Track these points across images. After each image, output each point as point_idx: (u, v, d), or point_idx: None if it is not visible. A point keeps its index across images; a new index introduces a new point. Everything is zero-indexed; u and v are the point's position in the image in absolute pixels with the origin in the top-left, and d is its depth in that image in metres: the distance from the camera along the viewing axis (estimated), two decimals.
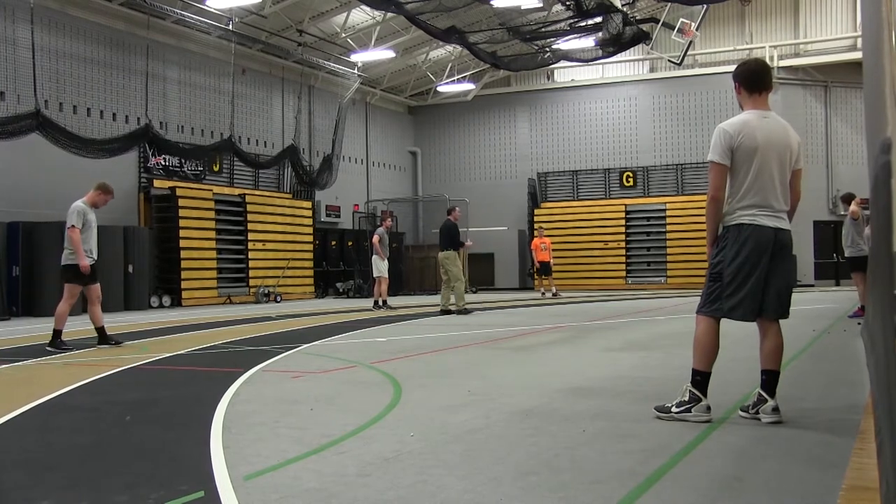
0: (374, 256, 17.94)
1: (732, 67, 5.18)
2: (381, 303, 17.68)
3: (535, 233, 25.70)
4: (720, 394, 5.51)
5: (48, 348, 9.68)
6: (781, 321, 4.97)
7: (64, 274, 9.87)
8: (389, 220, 18.98)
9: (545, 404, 5.63)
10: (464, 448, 4.40)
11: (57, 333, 9.78)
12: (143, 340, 10.29)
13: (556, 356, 8.64)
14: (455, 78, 30.83)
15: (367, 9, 24.05)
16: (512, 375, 7.16)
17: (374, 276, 18.06)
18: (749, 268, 4.85)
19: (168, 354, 9.10)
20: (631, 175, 29.92)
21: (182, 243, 21.08)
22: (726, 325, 5.02)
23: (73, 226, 9.78)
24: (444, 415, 5.30)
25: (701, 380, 4.96)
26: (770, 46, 28.47)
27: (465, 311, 15.43)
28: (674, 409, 4.99)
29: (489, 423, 5.02)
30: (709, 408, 4.96)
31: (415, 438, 4.61)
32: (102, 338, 10.05)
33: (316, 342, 10.31)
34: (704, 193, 5.41)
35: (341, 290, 26.21)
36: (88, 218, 9.97)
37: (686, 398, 4.97)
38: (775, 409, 4.88)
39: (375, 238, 17.80)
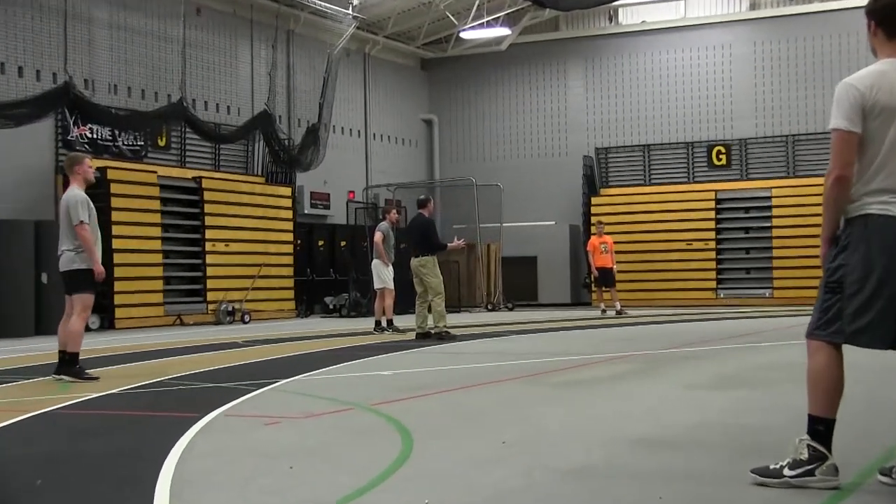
0: (374, 261, 17.99)
1: (865, 1, 5.10)
2: (385, 323, 17.73)
3: (593, 229, 25.72)
4: (850, 450, 5.39)
5: (67, 378, 10.12)
6: None
7: (71, 281, 10.26)
8: (396, 212, 19.02)
9: (605, 459, 5.64)
10: None
11: (74, 358, 10.27)
12: (61, 376, 10.39)
13: (619, 395, 8.64)
14: (484, 20, 30.96)
15: None
16: (560, 420, 7.18)
17: (376, 287, 18.11)
18: (880, 276, 4.66)
19: (97, 394, 9.17)
20: (723, 151, 29.88)
21: (115, 244, 21.28)
22: (852, 351, 4.90)
23: (81, 221, 10.17)
24: (469, 473, 5.32)
25: (824, 430, 4.82)
26: None
27: (448, 336, 15.62)
28: (787, 472, 4.86)
29: (530, 485, 5.04)
30: (836, 469, 4.83)
31: None
32: (66, 364, 10.35)
33: (298, 377, 10.36)
34: (824, 174, 5.34)
35: (332, 307, 26.33)
36: (92, 208, 10.37)
37: (804, 456, 4.84)
38: None
39: (378, 236, 17.87)
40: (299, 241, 27.04)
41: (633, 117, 31.22)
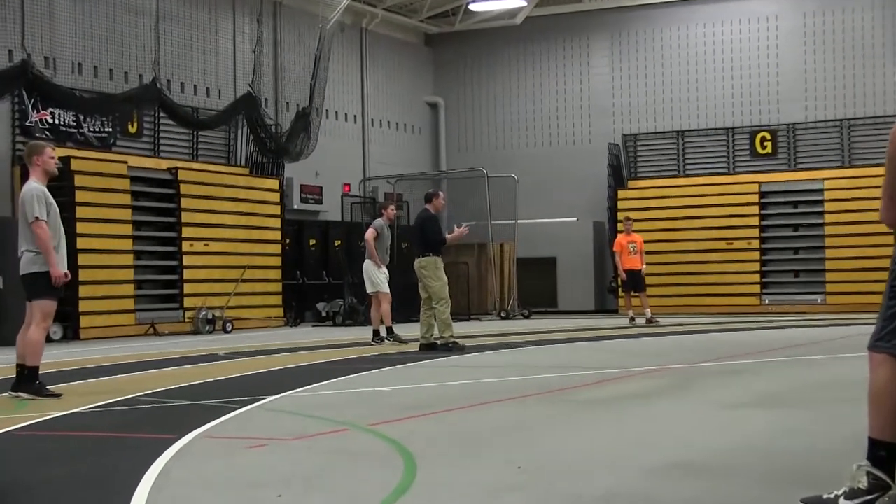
0: (365, 262, 18.07)
1: None
2: (384, 332, 17.80)
3: (620, 226, 25.68)
4: None
5: (25, 396, 10.12)
6: None
7: (31, 286, 10.28)
8: (393, 207, 19.05)
9: (632, 488, 5.65)
10: None
11: (34, 373, 10.23)
12: (19, 393, 10.40)
13: (649, 415, 8.64)
14: None
15: None
16: (582, 443, 7.19)
17: (368, 291, 18.22)
18: None
19: (58, 413, 9.18)
20: (768, 137, 29.87)
21: (80, 243, 21.33)
22: None
23: (37, 217, 10.11)
24: (480, 503, 5.36)
25: (886, 456, 4.77)
26: None
27: (456, 347, 15.68)
28: (843, 503, 4.85)
29: None
30: None
31: None
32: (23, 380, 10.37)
33: (286, 393, 10.38)
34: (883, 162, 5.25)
35: (325, 315, 26.35)
36: (51, 203, 10.32)
37: (863, 485, 4.79)
38: None
39: (370, 233, 17.91)
40: (288, 241, 27.06)
41: (665, 100, 31.22)
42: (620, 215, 27.94)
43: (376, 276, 17.88)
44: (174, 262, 23.88)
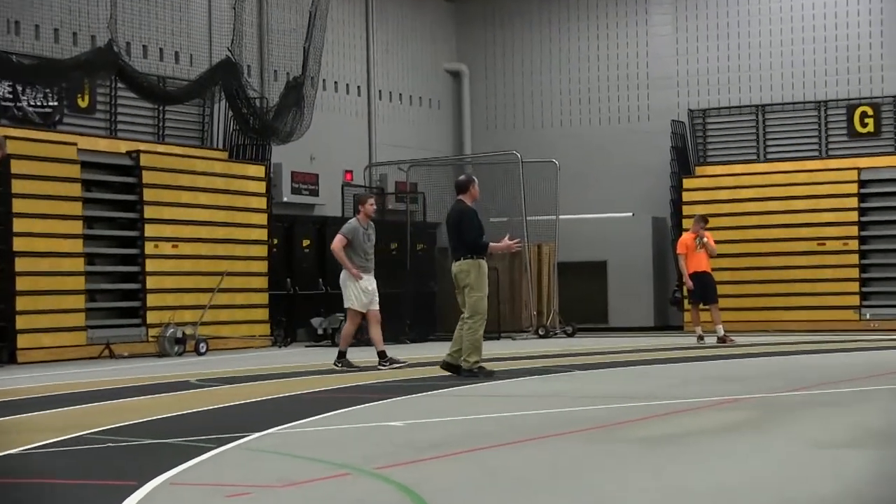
0: (343, 272, 18.05)
1: None
2: (378, 356, 17.93)
3: (688, 223, 25.54)
4: None
5: None
6: None
7: None
8: (373, 201, 18.81)
9: None
10: None
11: None
12: None
13: (723, 455, 8.59)
14: None
15: None
16: (640, 492, 7.14)
17: (346, 306, 18.28)
18: None
19: None
20: (870, 113, 29.76)
21: (17, 244, 21.41)
22: None
23: None
24: None
25: None
26: None
27: (483, 373, 15.62)
28: None
29: None
30: None
31: None
32: None
33: (274, 429, 10.35)
34: None
35: (321, 332, 26.31)
36: None
37: None
38: None
39: (337, 243, 17.85)
40: (276, 241, 27.05)
41: (742, 67, 31.12)
42: (687, 210, 27.85)
43: (350, 290, 17.84)
44: (135, 267, 23.89)
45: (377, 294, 18.10)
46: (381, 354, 17.88)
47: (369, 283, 17.93)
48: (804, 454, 8.60)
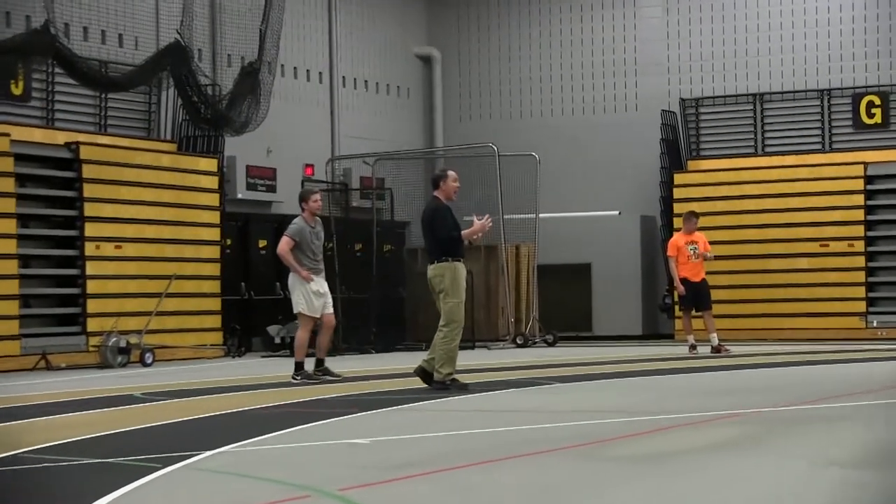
0: (291, 275, 18.04)
1: None
2: (313, 365, 17.97)
3: (679, 222, 25.58)
4: None
5: None
6: None
7: None
8: (318, 196, 18.66)
9: None
10: None
11: None
12: None
13: (718, 476, 8.59)
14: None
15: None
16: None
17: (296, 311, 18.33)
18: None
19: None
20: (877, 102, 29.87)
21: None
22: None
23: None
24: None
25: None
26: None
27: (455, 386, 15.60)
28: None
29: None
30: None
31: None
32: None
33: (227, 447, 10.32)
34: None
35: (279, 341, 26.25)
36: None
37: None
38: None
39: (283, 245, 17.80)
40: (229, 242, 27.02)
41: (738, 52, 31.23)
42: (679, 207, 27.89)
43: (300, 294, 17.82)
44: (74, 270, 23.82)
45: (330, 296, 18.16)
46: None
47: (320, 285, 17.92)
48: (805, 474, 8.59)
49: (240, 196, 27.80)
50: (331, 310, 18.10)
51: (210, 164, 26.42)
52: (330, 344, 18.73)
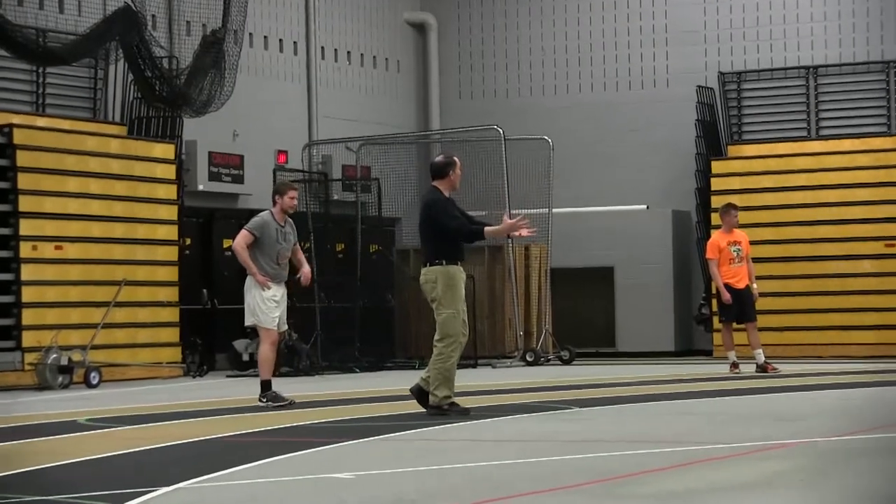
0: (248, 279, 18.14)
1: None
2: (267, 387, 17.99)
3: (719, 216, 25.51)
4: None
5: None
6: None
7: None
8: (294, 193, 18.66)
9: None
10: None
11: None
12: None
13: None
14: None
15: None
16: None
17: (246, 324, 18.44)
18: None
19: None
20: None
21: None
22: None
23: None
24: None
25: None
26: None
27: (454, 410, 15.58)
28: None
29: None
30: None
31: None
32: None
33: (186, 482, 10.31)
34: None
35: (248, 359, 26.21)
36: None
37: None
38: None
39: (240, 240, 17.89)
40: (188, 241, 27.03)
41: (787, 18, 31.25)
42: (717, 200, 27.88)
43: (256, 302, 17.83)
44: (8, 275, 23.78)
45: (286, 310, 18.17)
46: (265, 386, 17.82)
47: (278, 291, 17.91)
48: None
49: (201, 188, 27.80)
50: (285, 326, 18.08)
51: (166, 150, 26.44)
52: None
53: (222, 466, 11.30)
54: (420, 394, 15.74)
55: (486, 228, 16.11)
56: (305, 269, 18.34)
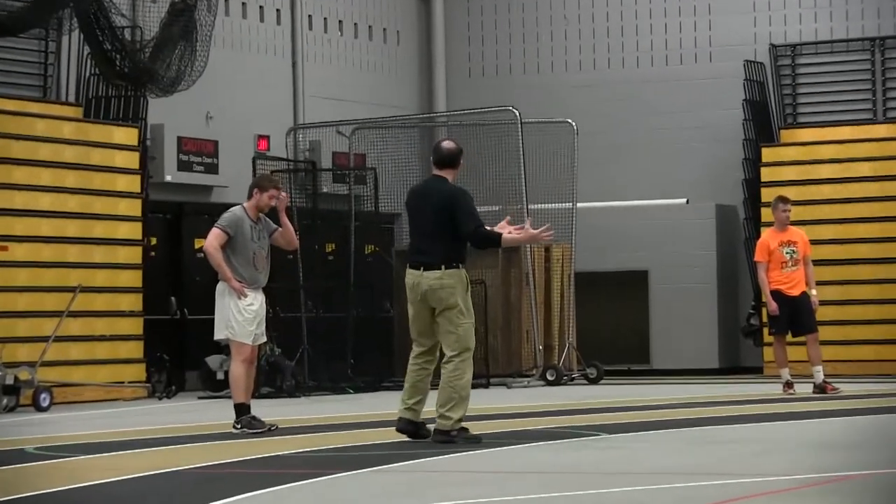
0: (219, 284, 18.09)
1: None
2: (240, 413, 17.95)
3: (771, 211, 25.46)
4: None
5: None
6: None
7: None
8: (276, 190, 18.62)
9: None
10: None
11: None
12: None
13: None
14: None
15: None
16: None
17: (216, 337, 18.64)
18: None
19: None
20: None
21: None
22: None
23: None
24: None
25: None
26: None
27: (462, 437, 15.58)
28: None
29: None
30: None
31: None
32: None
33: None
34: None
35: (221, 376, 26.24)
36: None
37: None
38: None
39: (212, 239, 17.89)
40: (154, 241, 27.07)
41: None
42: (768, 194, 27.91)
43: (231, 312, 17.77)
44: None
45: (264, 321, 18.13)
46: (240, 410, 17.76)
47: (255, 300, 17.84)
48: None
49: (169, 179, 27.90)
50: (263, 339, 18.07)
51: (128, 135, 26.50)
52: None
53: (192, 502, 11.24)
54: (410, 427, 15.69)
55: (504, 236, 16.03)
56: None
